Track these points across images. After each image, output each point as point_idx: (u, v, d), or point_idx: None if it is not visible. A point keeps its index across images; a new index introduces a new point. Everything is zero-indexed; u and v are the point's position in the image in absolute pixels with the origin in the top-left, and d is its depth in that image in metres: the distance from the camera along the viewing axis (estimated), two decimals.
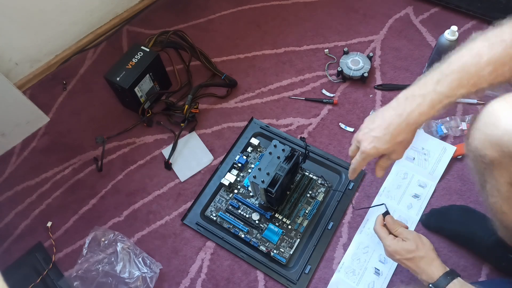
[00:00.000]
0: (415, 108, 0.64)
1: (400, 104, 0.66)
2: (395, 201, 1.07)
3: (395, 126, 0.66)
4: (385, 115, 0.68)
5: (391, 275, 0.98)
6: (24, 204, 1.17)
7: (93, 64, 1.42)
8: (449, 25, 1.10)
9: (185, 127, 1.23)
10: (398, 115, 0.66)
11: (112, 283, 1.00)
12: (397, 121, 0.66)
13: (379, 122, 0.69)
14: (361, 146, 0.71)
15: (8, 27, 1.22)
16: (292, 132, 1.21)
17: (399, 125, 0.66)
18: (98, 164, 1.21)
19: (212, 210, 1.10)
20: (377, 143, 0.69)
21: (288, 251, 1.03)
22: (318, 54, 1.35)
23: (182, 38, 1.37)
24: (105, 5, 1.43)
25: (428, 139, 1.14)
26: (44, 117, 1.30)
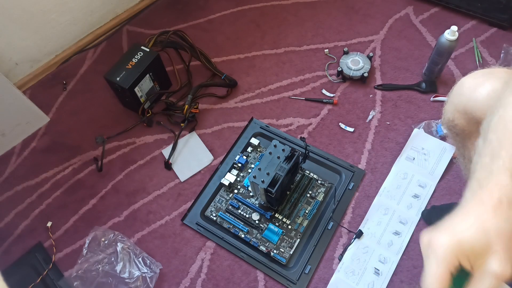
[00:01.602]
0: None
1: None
2: (395, 201, 1.07)
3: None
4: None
5: (391, 275, 0.98)
6: (24, 204, 1.17)
7: (93, 64, 1.42)
8: (449, 25, 1.10)
9: (185, 127, 1.23)
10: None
11: (112, 283, 1.00)
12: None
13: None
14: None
15: (8, 27, 1.22)
16: (292, 132, 1.21)
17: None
18: (98, 164, 1.21)
19: (212, 210, 1.10)
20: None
21: (288, 251, 1.03)
22: (318, 54, 1.35)
23: (182, 38, 1.37)
24: (105, 5, 1.43)
25: (428, 139, 1.14)
26: (44, 117, 1.30)
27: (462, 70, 1.25)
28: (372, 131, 1.18)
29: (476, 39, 1.31)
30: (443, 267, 0.41)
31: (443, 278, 0.41)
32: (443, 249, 0.41)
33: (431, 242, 0.42)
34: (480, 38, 1.31)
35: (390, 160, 1.13)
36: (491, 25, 1.33)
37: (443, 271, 0.41)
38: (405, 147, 1.14)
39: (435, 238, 0.42)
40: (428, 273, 0.42)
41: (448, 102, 0.72)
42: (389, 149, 1.15)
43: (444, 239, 0.42)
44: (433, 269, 0.41)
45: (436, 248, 0.42)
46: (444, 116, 0.74)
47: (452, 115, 0.70)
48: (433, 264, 0.41)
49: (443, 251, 0.41)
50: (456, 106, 0.69)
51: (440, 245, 0.41)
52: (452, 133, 0.74)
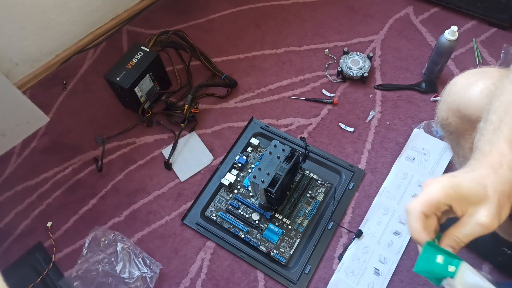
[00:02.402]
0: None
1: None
2: (395, 201, 1.07)
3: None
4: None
5: (391, 275, 0.98)
6: (24, 204, 1.17)
7: (93, 64, 1.42)
8: (449, 25, 1.10)
9: (185, 127, 1.23)
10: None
11: (112, 283, 1.00)
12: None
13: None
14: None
15: (8, 27, 1.22)
16: (292, 132, 1.21)
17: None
18: (98, 164, 1.21)
19: (212, 210, 1.10)
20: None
21: (288, 251, 1.03)
22: (318, 54, 1.35)
23: (182, 38, 1.37)
24: (105, 5, 1.43)
25: (428, 139, 1.14)
26: (44, 117, 1.30)
27: (462, 70, 1.22)
28: (372, 131, 1.18)
29: (476, 39, 1.31)
30: (433, 197, 0.44)
31: (429, 203, 0.45)
32: (439, 185, 0.44)
33: (430, 180, 0.46)
34: (480, 38, 1.31)
35: (390, 160, 1.13)
36: (491, 25, 1.33)
37: (432, 200, 0.44)
38: (405, 147, 1.14)
39: (435, 179, 0.45)
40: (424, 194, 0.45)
41: (441, 101, 0.73)
42: (389, 149, 1.15)
43: (443, 179, 0.45)
44: (425, 194, 0.45)
45: (434, 183, 0.45)
46: (438, 115, 0.75)
47: (445, 114, 0.71)
48: (427, 190, 0.45)
49: (439, 186, 0.44)
50: (449, 105, 0.69)
51: (438, 182, 0.45)
52: (446, 132, 0.75)
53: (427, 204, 0.45)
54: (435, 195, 0.44)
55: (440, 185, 0.44)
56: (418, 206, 0.45)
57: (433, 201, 0.44)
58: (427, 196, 0.45)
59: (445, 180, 0.45)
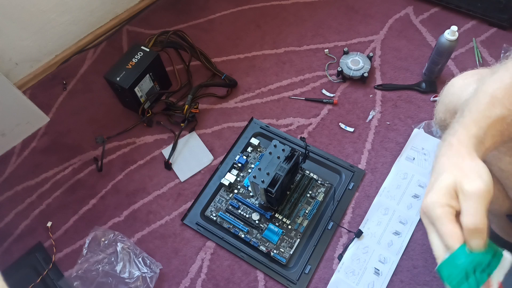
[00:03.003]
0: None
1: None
2: (395, 201, 1.07)
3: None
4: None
5: (391, 275, 0.98)
6: (24, 204, 1.17)
7: (93, 64, 1.42)
8: (449, 25, 1.10)
9: (185, 127, 1.23)
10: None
11: (112, 283, 1.00)
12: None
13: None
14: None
15: (8, 27, 1.22)
16: (292, 132, 1.21)
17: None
18: (98, 164, 1.21)
19: (212, 210, 1.10)
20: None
21: (288, 251, 1.03)
22: (318, 54, 1.35)
23: (182, 38, 1.37)
24: (105, 5, 1.43)
25: (428, 139, 1.14)
26: (44, 117, 1.30)
27: (462, 70, 1.23)
28: (372, 131, 1.18)
29: (476, 39, 1.31)
30: (444, 223, 0.43)
31: (453, 231, 0.42)
32: (432, 208, 0.44)
33: (424, 210, 0.45)
34: (480, 38, 1.31)
35: (390, 160, 1.13)
36: (491, 25, 1.33)
37: (448, 225, 0.42)
38: (405, 147, 1.14)
39: (425, 205, 0.45)
40: (435, 239, 0.44)
41: (439, 102, 0.73)
42: (389, 149, 1.15)
43: (427, 199, 0.45)
44: (441, 230, 0.43)
45: (428, 211, 0.44)
46: (436, 116, 0.75)
47: (443, 115, 0.71)
48: (437, 226, 0.43)
49: (433, 210, 0.44)
50: (447, 106, 0.70)
51: (430, 206, 0.44)
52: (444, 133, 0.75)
53: (450, 221, 0.43)
54: (442, 218, 0.44)
55: (432, 202, 0.44)
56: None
57: (449, 219, 0.43)
58: (443, 225, 0.44)
59: (432, 195, 0.45)
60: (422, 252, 1.00)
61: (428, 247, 1.00)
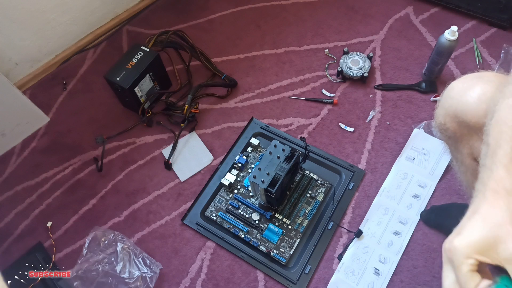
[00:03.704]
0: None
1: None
2: (395, 201, 1.07)
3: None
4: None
5: (391, 275, 0.98)
6: (24, 204, 1.17)
7: (93, 64, 1.42)
8: (449, 25, 1.10)
9: (185, 127, 1.23)
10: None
11: (112, 283, 1.00)
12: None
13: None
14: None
15: (8, 27, 1.22)
16: (292, 132, 1.21)
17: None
18: (98, 164, 1.21)
19: (212, 210, 1.10)
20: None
21: (288, 251, 1.03)
22: (318, 54, 1.35)
23: (182, 38, 1.37)
24: (105, 5, 1.43)
25: (428, 139, 1.14)
26: (44, 117, 1.30)
27: (462, 70, 1.25)
28: (372, 131, 1.18)
29: (476, 39, 1.31)
30: (463, 271, 0.43)
31: (468, 279, 0.42)
32: (456, 254, 0.43)
33: (447, 248, 0.44)
34: (480, 38, 1.31)
35: (390, 160, 1.13)
36: (491, 25, 1.33)
37: (466, 274, 0.42)
38: (405, 147, 1.14)
39: (448, 244, 0.44)
40: (448, 280, 0.44)
41: (439, 106, 0.73)
42: (389, 149, 1.15)
43: (455, 243, 0.43)
44: (460, 278, 0.43)
45: (452, 255, 0.44)
46: (436, 119, 0.74)
47: (443, 118, 0.71)
48: (456, 273, 0.43)
49: (457, 256, 0.43)
50: (447, 110, 0.69)
51: (454, 251, 0.44)
52: (444, 136, 0.74)
53: (471, 279, 0.42)
54: (464, 265, 0.43)
55: (459, 251, 0.43)
56: (471, 285, 0.42)
57: (470, 272, 0.43)
58: (463, 273, 0.43)
59: (459, 243, 0.43)
60: (422, 252, 1.00)
61: (428, 247, 1.01)
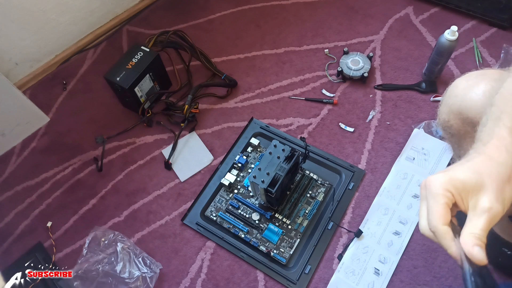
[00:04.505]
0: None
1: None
2: (395, 201, 1.07)
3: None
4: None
5: (391, 275, 0.98)
6: (24, 204, 1.17)
7: (93, 64, 1.42)
8: (449, 25, 1.10)
9: (185, 127, 1.23)
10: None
11: (112, 283, 1.00)
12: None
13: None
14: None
15: (8, 27, 1.22)
16: (292, 132, 1.21)
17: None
18: (98, 164, 1.21)
19: (212, 210, 1.10)
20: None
21: (288, 251, 1.03)
22: (318, 54, 1.35)
23: (182, 38, 1.37)
24: (105, 5, 1.43)
25: (428, 139, 1.14)
26: (44, 117, 1.30)
27: (462, 70, 1.25)
28: (372, 131, 1.18)
29: (476, 39, 1.31)
30: (439, 203, 0.44)
31: (441, 212, 0.44)
32: (435, 185, 0.45)
33: (426, 182, 0.46)
34: (480, 38, 1.31)
35: (390, 160, 1.13)
36: (491, 25, 1.33)
37: (440, 206, 0.44)
38: (405, 147, 1.14)
39: (429, 178, 0.46)
40: (426, 212, 0.45)
41: (442, 104, 0.73)
42: (389, 149, 1.15)
43: (437, 177, 0.45)
44: (432, 207, 0.44)
45: (430, 186, 0.45)
46: (439, 117, 0.74)
47: (447, 116, 0.71)
48: (430, 202, 0.44)
49: (435, 187, 0.44)
50: (451, 107, 0.69)
51: (433, 182, 0.45)
52: (448, 134, 0.75)
53: (444, 214, 0.44)
54: (440, 197, 0.44)
55: (438, 183, 0.44)
56: (440, 221, 0.43)
57: (444, 205, 0.44)
58: (438, 205, 0.44)
59: (442, 176, 0.45)
60: (422, 252, 1.00)
61: (428, 247, 1.01)
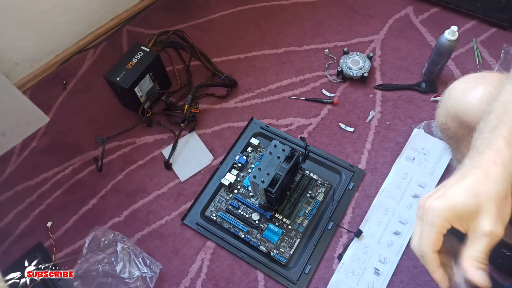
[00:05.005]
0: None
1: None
2: (395, 201, 1.07)
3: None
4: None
5: (391, 275, 0.98)
6: (24, 204, 1.17)
7: (93, 64, 1.42)
8: (449, 25, 1.10)
9: (185, 127, 1.23)
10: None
11: (112, 283, 1.00)
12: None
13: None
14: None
15: (8, 27, 1.22)
16: (292, 132, 1.21)
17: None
18: (98, 164, 1.21)
19: (212, 210, 1.10)
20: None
21: (288, 251, 1.03)
22: (318, 54, 1.35)
23: (182, 38, 1.37)
24: (105, 5, 1.43)
25: (428, 139, 1.14)
26: (44, 117, 1.30)
27: (462, 70, 1.25)
28: (372, 131, 1.18)
29: (476, 39, 1.31)
30: (433, 231, 0.44)
31: (434, 240, 0.44)
32: (434, 214, 0.44)
33: (425, 207, 0.45)
34: (480, 38, 1.31)
35: (390, 160, 1.13)
36: (491, 25, 1.33)
37: (434, 235, 0.44)
38: (405, 147, 1.14)
39: (428, 202, 0.45)
40: (419, 236, 0.46)
41: (440, 106, 0.72)
42: (389, 149, 1.15)
43: (436, 204, 0.44)
44: (426, 233, 0.45)
45: (428, 212, 0.45)
46: (437, 119, 0.74)
47: (444, 118, 0.70)
48: (425, 228, 0.45)
49: (433, 216, 0.44)
50: (448, 110, 0.69)
51: (432, 210, 0.44)
52: (445, 136, 0.74)
53: (436, 242, 0.44)
54: (436, 227, 0.44)
55: (438, 212, 0.44)
56: (430, 248, 0.44)
57: (439, 234, 0.44)
58: (432, 233, 0.44)
59: (441, 204, 0.44)
60: None
61: None
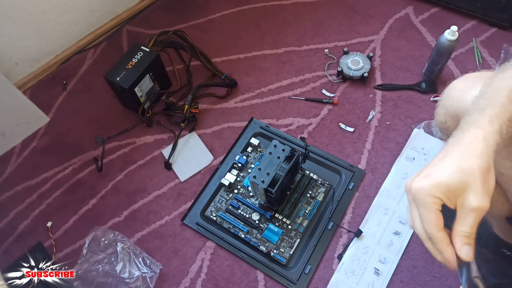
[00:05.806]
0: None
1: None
2: (395, 201, 1.07)
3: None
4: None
5: (391, 275, 0.98)
6: (24, 204, 1.17)
7: (93, 64, 1.42)
8: (449, 25, 1.10)
9: (185, 127, 1.23)
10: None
11: (112, 283, 1.00)
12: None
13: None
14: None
15: (8, 27, 1.22)
16: (292, 132, 1.21)
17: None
18: (98, 164, 1.21)
19: (212, 210, 1.10)
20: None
21: (288, 251, 1.03)
22: (318, 54, 1.35)
23: (182, 38, 1.37)
24: (105, 5, 1.43)
25: (428, 139, 1.14)
26: (44, 117, 1.30)
27: (462, 70, 1.25)
28: (372, 131, 1.18)
29: (476, 39, 1.31)
30: (430, 210, 0.44)
31: (435, 219, 0.44)
32: (422, 194, 0.45)
33: (412, 189, 0.46)
34: (480, 38, 1.31)
35: (390, 160, 1.13)
36: (491, 25, 1.33)
37: (433, 214, 0.44)
38: (405, 147, 1.14)
39: (414, 183, 0.46)
40: (420, 220, 0.45)
41: (440, 105, 0.72)
42: (389, 149, 1.15)
43: (423, 183, 0.45)
44: (425, 215, 0.45)
45: (417, 194, 0.45)
46: (436, 118, 0.74)
47: (444, 117, 0.71)
48: (422, 210, 0.45)
49: (423, 196, 0.45)
50: (448, 109, 0.69)
51: (420, 190, 0.45)
52: (445, 135, 0.74)
53: (438, 220, 0.44)
54: (430, 205, 0.45)
55: (426, 192, 0.44)
56: (436, 228, 0.45)
57: (436, 211, 0.45)
58: (430, 212, 0.45)
59: (426, 182, 0.45)
60: (422, 252, 1.00)
61: None
